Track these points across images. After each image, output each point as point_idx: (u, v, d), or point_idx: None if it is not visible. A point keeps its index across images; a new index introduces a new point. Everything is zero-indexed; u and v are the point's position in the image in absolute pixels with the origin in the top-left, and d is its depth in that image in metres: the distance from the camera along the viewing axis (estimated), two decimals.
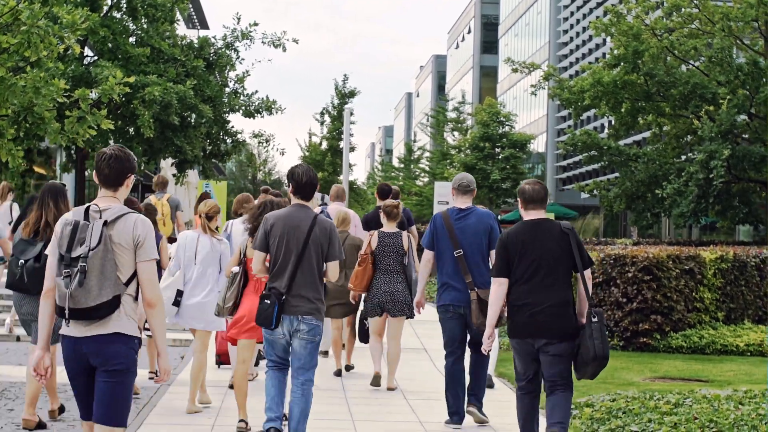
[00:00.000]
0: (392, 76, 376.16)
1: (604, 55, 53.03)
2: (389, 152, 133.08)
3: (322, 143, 47.21)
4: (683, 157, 38.74)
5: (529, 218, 8.03)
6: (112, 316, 5.84)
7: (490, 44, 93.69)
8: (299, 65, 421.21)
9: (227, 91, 27.25)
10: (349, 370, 12.77)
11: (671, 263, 15.65)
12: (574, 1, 72.98)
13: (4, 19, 12.72)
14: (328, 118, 46.26)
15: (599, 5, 61.09)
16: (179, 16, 28.19)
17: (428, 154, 67.42)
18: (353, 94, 45.52)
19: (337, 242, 8.12)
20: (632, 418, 9.25)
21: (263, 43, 27.31)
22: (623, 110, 37.50)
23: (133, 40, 25.51)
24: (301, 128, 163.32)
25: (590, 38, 65.41)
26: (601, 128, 57.88)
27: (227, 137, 28.51)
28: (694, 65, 36.58)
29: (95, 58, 25.55)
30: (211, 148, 28.40)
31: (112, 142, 25.71)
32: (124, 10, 25.59)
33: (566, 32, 74.57)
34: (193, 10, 56.53)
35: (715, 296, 16.72)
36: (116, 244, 5.86)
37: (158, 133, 23.90)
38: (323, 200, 17.79)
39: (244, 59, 28.34)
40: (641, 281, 15.31)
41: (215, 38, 27.08)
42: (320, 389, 8.36)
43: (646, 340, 15.37)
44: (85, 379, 5.95)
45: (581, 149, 39.37)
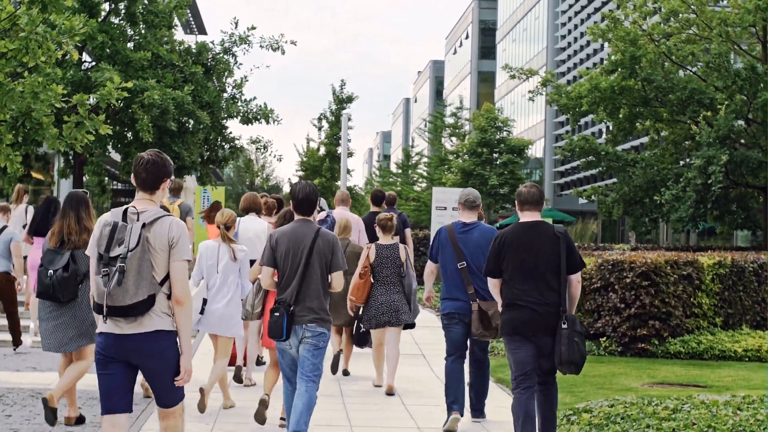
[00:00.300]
0: (392, 76, 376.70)
1: (602, 60, 53.14)
2: (387, 158, 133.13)
3: (320, 149, 47.19)
4: (681, 162, 38.79)
5: (524, 220, 8.31)
6: (148, 314, 6.12)
7: (487, 50, 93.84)
8: (299, 65, 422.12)
9: (225, 97, 27.22)
10: (346, 375, 12.84)
11: (669, 269, 15.65)
12: (572, 6, 73.10)
13: (2, 24, 12.72)
14: (325, 123, 46.24)
15: (597, 11, 61.15)
16: (177, 21, 28.14)
17: (426, 159, 67.49)
18: (351, 99, 45.50)
19: (340, 253, 8.37)
20: (630, 423, 9.26)
21: (261, 47, 27.28)
22: (621, 116, 37.56)
23: (131, 45, 25.49)
24: (300, 128, 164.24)
25: (588, 44, 65.53)
26: (598, 134, 57.96)
27: (225, 143, 28.47)
28: (691, 71, 36.62)
29: (93, 63, 25.52)
30: (208, 154, 28.37)
31: (110, 147, 25.68)
32: (122, 15, 25.57)
33: (564, 38, 74.67)
34: (191, 15, 56.57)
35: (713, 302, 16.72)
36: (153, 245, 6.16)
37: (156, 138, 23.86)
38: (319, 204, 17.73)
39: (242, 64, 28.42)
40: (639, 287, 15.31)
41: (213, 43, 27.06)
42: (319, 395, 8.39)
43: (644, 345, 15.36)
44: (119, 373, 6.21)
45: (579, 155, 39.41)
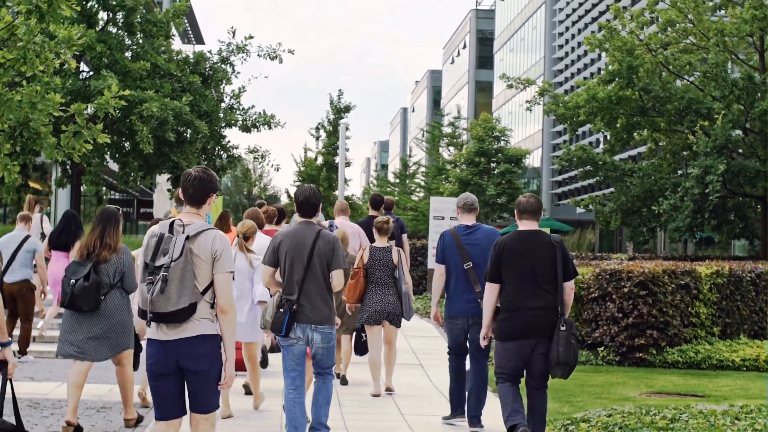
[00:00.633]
0: (390, 85, 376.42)
1: (599, 70, 53.18)
2: (385, 167, 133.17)
3: (317, 158, 47.21)
4: (679, 172, 38.79)
5: (523, 228, 8.70)
6: (191, 320, 6.47)
7: (485, 59, 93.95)
8: (296, 74, 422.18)
9: (223, 106, 27.20)
10: (344, 384, 12.84)
11: (667, 278, 15.65)
12: (569, 16, 73.21)
13: (0, 34, 12.71)
14: (323, 132, 46.28)
15: (594, 21, 61.22)
16: (175, 31, 28.14)
17: (424, 169, 67.51)
18: (348, 109, 45.56)
19: (340, 253, 8.67)
20: None
21: (259, 56, 27.31)
22: (618, 125, 37.58)
23: (129, 55, 25.46)
24: (298, 137, 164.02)
25: (585, 53, 65.60)
26: (596, 143, 58.03)
27: (223, 152, 28.46)
28: (689, 80, 36.66)
29: (91, 73, 25.51)
30: (206, 163, 28.36)
31: (108, 157, 25.66)
32: (120, 25, 25.56)
33: (561, 47, 74.77)
34: (188, 25, 56.61)
35: (710, 311, 16.72)
36: (196, 256, 6.52)
37: (155, 148, 23.85)
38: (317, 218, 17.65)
39: (240, 73, 28.35)
40: (637, 296, 15.31)
41: (210, 53, 27.06)
42: None
43: (642, 355, 15.36)
44: (171, 379, 6.55)
45: (577, 164, 39.43)
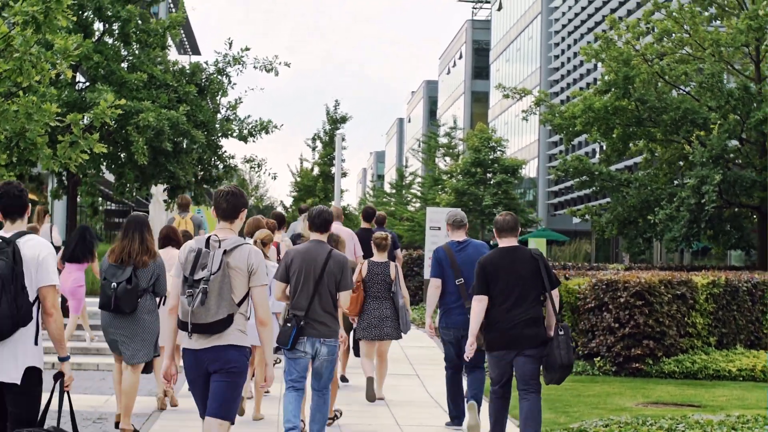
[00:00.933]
0: (386, 95, 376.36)
1: (595, 80, 53.27)
2: (381, 178, 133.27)
3: (313, 169, 47.25)
4: (675, 182, 38.80)
5: (503, 245, 9.02)
6: (226, 331, 6.75)
7: (481, 69, 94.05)
8: (292, 86, 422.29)
9: (219, 117, 27.19)
10: (344, 381, 13.41)
11: (663, 288, 15.65)
12: (565, 26, 73.33)
13: None
14: (319, 143, 46.32)
15: (590, 31, 61.34)
16: (171, 41, 28.17)
17: (420, 179, 67.52)
18: (345, 119, 45.64)
19: (348, 274, 8.93)
20: None
21: (255, 68, 27.31)
22: (615, 136, 37.58)
23: (125, 65, 25.45)
24: (294, 147, 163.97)
25: (581, 64, 65.67)
26: (592, 153, 58.04)
27: (219, 162, 28.44)
28: (685, 91, 36.68)
29: (87, 84, 25.49)
30: (203, 173, 28.33)
31: (104, 167, 25.64)
32: (116, 36, 25.55)
33: (557, 57, 74.89)
34: (184, 35, 56.68)
35: (707, 321, 16.71)
36: (233, 269, 6.84)
37: (151, 158, 23.81)
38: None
39: (236, 84, 28.42)
40: (633, 306, 15.31)
41: (207, 63, 27.06)
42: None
43: (638, 365, 15.35)
44: (203, 384, 6.88)
45: (573, 174, 39.41)
